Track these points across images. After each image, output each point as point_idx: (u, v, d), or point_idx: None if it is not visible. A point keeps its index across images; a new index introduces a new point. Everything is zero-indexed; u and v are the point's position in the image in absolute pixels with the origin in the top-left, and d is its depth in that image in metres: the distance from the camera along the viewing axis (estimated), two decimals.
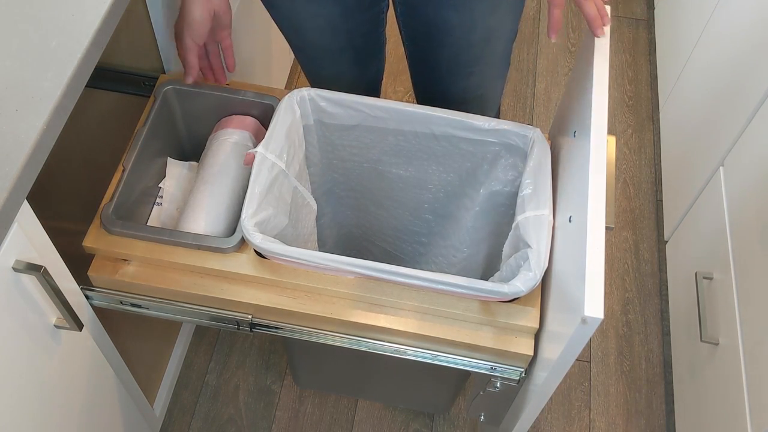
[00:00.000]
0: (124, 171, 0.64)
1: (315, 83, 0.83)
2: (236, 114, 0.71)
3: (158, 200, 0.70)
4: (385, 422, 0.99)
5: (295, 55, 0.81)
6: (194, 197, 0.66)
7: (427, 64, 0.75)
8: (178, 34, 0.65)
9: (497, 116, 0.84)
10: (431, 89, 0.78)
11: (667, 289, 1.12)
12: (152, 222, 0.69)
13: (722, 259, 0.85)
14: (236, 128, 0.70)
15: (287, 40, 0.79)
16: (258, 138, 0.71)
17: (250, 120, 0.71)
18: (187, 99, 0.70)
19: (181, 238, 0.61)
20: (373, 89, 0.84)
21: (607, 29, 0.58)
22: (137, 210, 0.67)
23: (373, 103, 0.68)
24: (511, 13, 0.70)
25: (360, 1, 0.70)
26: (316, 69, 0.80)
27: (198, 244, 0.61)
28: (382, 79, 0.85)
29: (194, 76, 0.67)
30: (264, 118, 0.72)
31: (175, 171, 0.72)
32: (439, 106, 0.68)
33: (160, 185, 0.71)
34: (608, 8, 0.60)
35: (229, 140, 0.69)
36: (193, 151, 0.75)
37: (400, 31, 0.74)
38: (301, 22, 0.72)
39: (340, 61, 0.77)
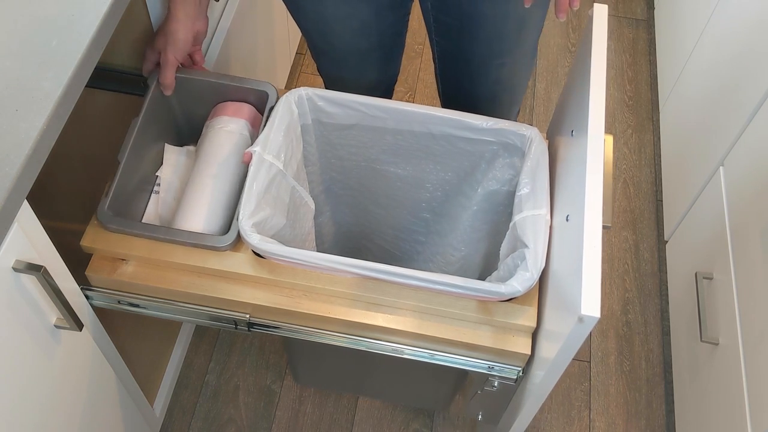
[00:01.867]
0: (119, 165, 0.63)
1: (332, 86, 0.83)
2: (232, 100, 0.71)
3: (156, 189, 0.70)
4: (385, 422, 0.99)
5: (315, 60, 0.82)
6: (190, 193, 0.66)
7: (458, 59, 0.75)
8: (159, 47, 0.67)
9: (519, 110, 0.84)
10: (460, 85, 0.78)
11: (667, 289, 1.12)
12: (149, 213, 0.69)
13: (722, 259, 0.85)
14: (232, 116, 0.69)
15: (310, 44, 0.79)
16: (254, 126, 0.70)
17: (246, 108, 0.70)
18: (182, 85, 0.70)
19: (176, 236, 0.61)
20: (388, 92, 0.85)
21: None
22: (135, 201, 0.67)
23: (370, 102, 0.68)
24: (542, 4, 0.70)
25: (392, 0, 0.71)
26: (339, 72, 0.80)
27: (193, 242, 0.61)
28: (396, 81, 0.86)
29: (172, 89, 0.68)
30: (260, 104, 0.71)
31: (172, 158, 0.71)
32: (466, 104, 0.69)
33: (157, 173, 0.70)
34: (606, 8, 0.60)
35: (225, 129, 0.69)
36: (190, 134, 0.74)
37: (429, 28, 0.74)
38: (332, 25, 0.73)
39: (367, 63, 0.78)
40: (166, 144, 0.72)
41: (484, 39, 0.70)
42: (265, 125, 0.66)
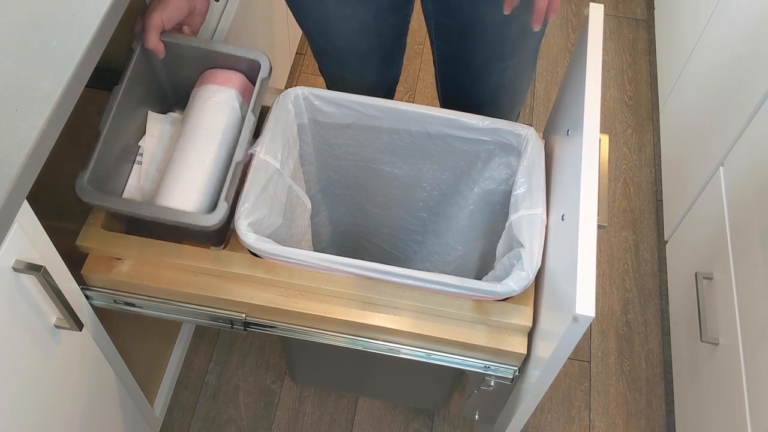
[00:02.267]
0: (99, 135, 0.59)
1: (333, 86, 0.83)
2: (221, 68, 0.65)
3: (138, 159, 0.65)
4: (385, 422, 0.99)
5: (317, 60, 0.82)
6: (174, 167, 0.61)
7: (458, 63, 0.75)
8: (151, 7, 0.62)
9: (519, 113, 0.85)
10: (461, 89, 0.78)
11: (667, 289, 1.11)
12: (131, 186, 0.64)
13: (722, 259, 0.85)
14: (222, 85, 0.64)
15: (311, 44, 0.79)
16: (245, 97, 0.65)
17: (236, 77, 0.65)
18: (169, 50, 0.64)
19: (158, 213, 0.57)
20: (389, 93, 0.85)
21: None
22: (117, 174, 0.63)
23: (367, 102, 0.68)
24: None
25: (393, 1, 0.71)
26: (340, 73, 0.80)
27: (176, 220, 0.57)
28: (397, 83, 0.86)
29: (162, 53, 0.63)
30: (251, 74, 0.65)
31: (156, 127, 0.65)
32: (467, 107, 0.68)
33: (140, 143, 0.65)
34: (602, 7, 0.60)
35: (213, 99, 0.64)
36: (176, 99, 0.69)
37: (430, 31, 0.74)
38: (333, 25, 0.73)
39: (367, 63, 0.78)
40: (149, 112, 0.66)
41: (486, 43, 0.70)
42: (256, 98, 0.62)
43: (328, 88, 0.83)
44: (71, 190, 0.69)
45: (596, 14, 0.60)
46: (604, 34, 0.84)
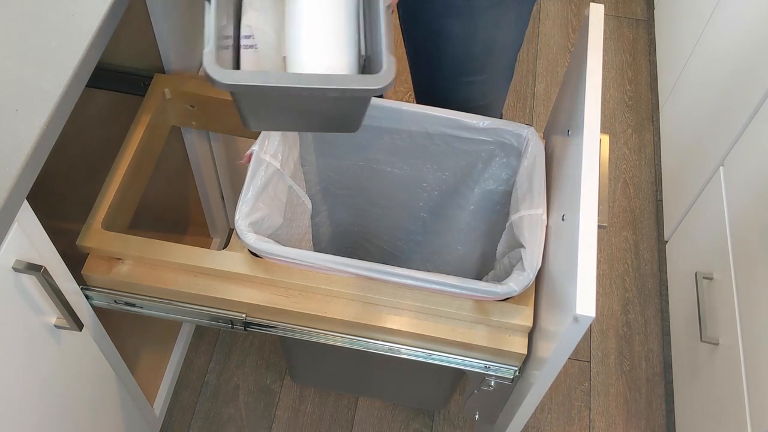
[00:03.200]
0: (208, 5, 0.45)
1: None
2: None
3: (246, 43, 0.49)
4: (385, 422, 0.99)
5: None
6: (301, 26, 0.47)
7: (428, 72, 0.75)
8: None
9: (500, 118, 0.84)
10: (432, 96, 0.78)
11: (667, 289, 1.11)
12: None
13: (722, 259, 0.85)
14: None
15: None
16: None
17: None
18: None
19: (322, 83, 0.42)
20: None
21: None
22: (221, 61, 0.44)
23: None
24: (516, 26, 0.70)
25: None
26: None
27: (343, 87, 0.42)
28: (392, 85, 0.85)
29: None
30: None
31: (256, 1, 0.51)
32: None
33: (247, 24, 0.50)
34: (602, 7, 0.60)
35: None
36: None
37: (403, 37, 0.74)
38: None
39: None
40: None
41: (452, 56, 0.70)
42: None
43: None
44: (71, 190, 0.69)
45: (596, 14, 0.60)
46: (604, 34, 0.85)
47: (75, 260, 0.61)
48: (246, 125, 0.49)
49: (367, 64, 0.47)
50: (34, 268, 0.51)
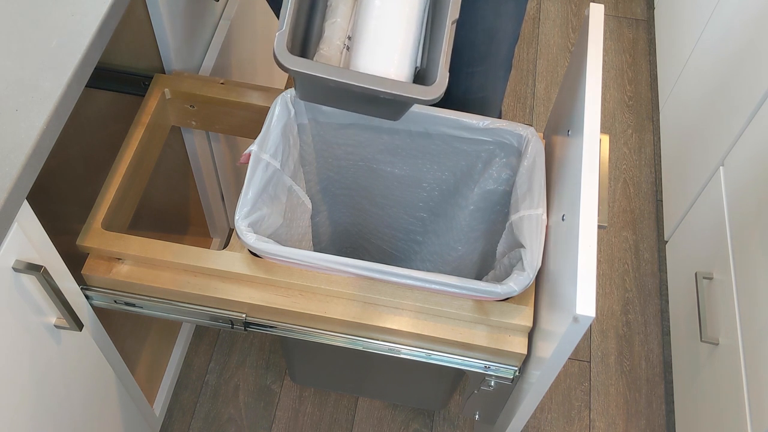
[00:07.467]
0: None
1: None
2: None
3: (343, 42, 0.51)
4: (385, 422, 0.99)
5: None
6: (368, 26, 0.49)
7: None
8: None
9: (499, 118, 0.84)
10: None
11: (667, 289, 1.11)
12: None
13: (722, 259, 0.85)
14: None
15: None
16: None
17: None
18: None
19: (375, 84, 0.45)
20: None
21: None
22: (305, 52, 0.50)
23: None
24: (514, 17, 0.70)
25: None
26: None
27: (394, 93, 0.45)
28: None
29: None
30: None
31: None
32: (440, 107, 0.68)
33: (335, 18, 0.51)
34: (602, 7, 0.60)
35: None
36: None
37: None
38: None
39: None
40: None
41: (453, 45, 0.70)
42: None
43: None
44: (71, 190, 0.69)
45: (596, 14, 0.60)
46: (604, 34, 0.84)
47: (75, 260, 0.61)
48: (297, 94, 0.54)
49: (419, 71, 0.51)
50: (34, 268, 0.51)
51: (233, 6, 0.87)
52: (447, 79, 0.48)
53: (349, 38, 0.53)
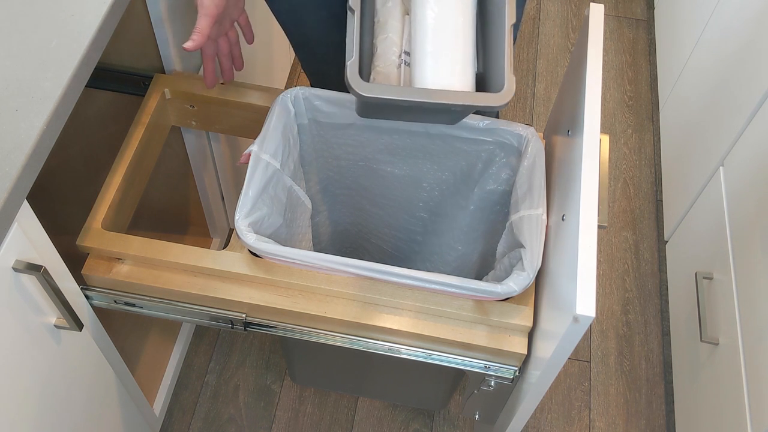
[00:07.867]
0: (352, 13, 0.46)
1: (316, 83, 0.82)
2: None
3: (401, 59, 0.51)
4: (385, 422, 0.99)
5: (295, 53, 0.81)
6: (425, 39, 0.48)
7: None
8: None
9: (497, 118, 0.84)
10: None
11: (667, 289, 1.12)
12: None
13: (722, 259, 0.85)
14: None
15: (288, 37, 0.78)
16: None
17: None
18: None
19: (451, 99, 0.45)
20: None
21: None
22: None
23: None
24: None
25: None
26: (318, 67, 0.79)
27: (467, 104, 0.45)
28: None
29: (198, 45, 0.57)
30: None
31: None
32: None
33: (388, 34, 0.51)
34: (602, 7, 0.60)
35: None
36: None
37: None
38: (302, 15, 0.71)
39: (344, 57, 0.77)
40: None
41: None
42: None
43: (312, 85, 0.82)
44: (71, 190, 0.69)
45: (596, 14, 0.60)
46: (604, 34, 0.85)
47: (75, 260, 0.61)
48: (357, 113, 0.55)
49: (479, 78, 0.51)
50: (34, 268, 0.51)
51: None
52: (515, 83, 0.48)
53: (407, 53, 0.53)
